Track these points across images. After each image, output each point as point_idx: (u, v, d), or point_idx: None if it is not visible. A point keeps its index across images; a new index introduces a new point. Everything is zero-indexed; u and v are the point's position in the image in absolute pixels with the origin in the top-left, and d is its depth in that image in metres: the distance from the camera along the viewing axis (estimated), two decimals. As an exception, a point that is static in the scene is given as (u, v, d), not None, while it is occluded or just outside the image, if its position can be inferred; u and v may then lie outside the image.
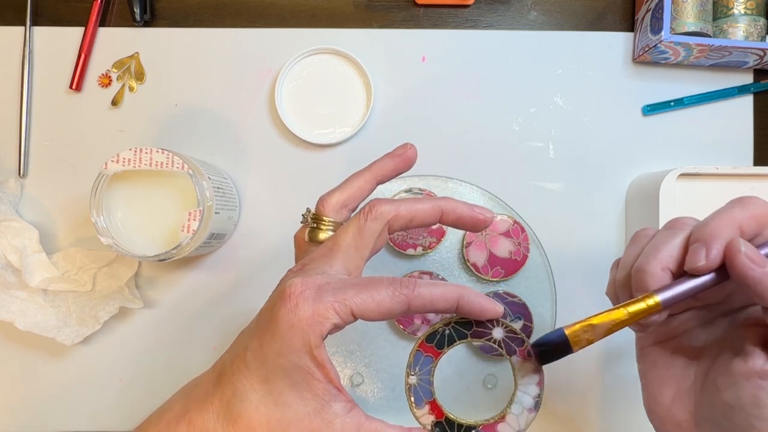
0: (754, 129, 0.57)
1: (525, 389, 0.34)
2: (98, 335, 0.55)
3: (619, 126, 0.57)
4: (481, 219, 0.36)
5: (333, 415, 0.31)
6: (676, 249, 0.31)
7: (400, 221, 0.34)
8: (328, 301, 0.30)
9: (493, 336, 0.34)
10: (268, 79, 0.57)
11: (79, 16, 0.57)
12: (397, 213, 0.34)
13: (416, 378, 0.35)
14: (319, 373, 0.30)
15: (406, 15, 0.58)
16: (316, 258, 0.34)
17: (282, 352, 0.30)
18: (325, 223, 0.36)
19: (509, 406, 0.34)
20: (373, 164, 0.38)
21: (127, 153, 0.46)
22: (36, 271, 0.52)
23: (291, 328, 0.30)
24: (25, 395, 0.56)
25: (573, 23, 0.58)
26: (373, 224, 0.33)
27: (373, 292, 0.31)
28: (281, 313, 0.30)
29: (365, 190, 0.37)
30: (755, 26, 0.53)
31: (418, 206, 0.34)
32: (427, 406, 0.35)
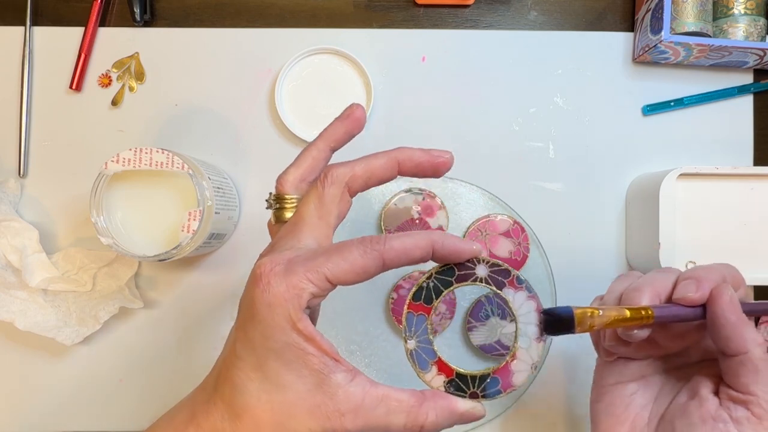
0: (754, 129, 0.57)
1: (526, 319, 0.33)
2: (98, 335, 0.55)
3: (619, 126, 0.57)
4: (440, 161, 0.35)
5: (335, 386, 0.30)
6: (668, 283, 0.35)
7: (359, 181, 0.34)
8: (300, 272, 0.30)
9: (478, 274, 0.33)
10: (268, 79, 0.57)
11: (79, 16, 0.57)
12: (354, 173, 0.33)
13: (414, 341, 0.33)
14: (311, 346, 0.29)
15: (406, 15, 0.58)
16: (282, 236, 0.33)
17: (267, 334, 0.29)
18: (288, 201, 0.35)
19: (516, 342, 0.33)
20: (323, 132, 0.36)
21: (127, 153, 0.46)
22: (36, 271, 0.52)
23: (269, 306, 0.29)
24: (25, 395, 0.56)
25: (573, 23, 0.58)
26: (331, 189, 0.33)
27: (345, 254, 0.30)
28: (256, 295, 0.30)
29: (320, 160, 0.36)
30: (755, 26, 0.53)
31: (373, 162, 0.34)
32: (433, 367, 0.33)
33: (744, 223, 0.53)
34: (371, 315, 0.56)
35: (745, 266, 0.54)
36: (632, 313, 0.33)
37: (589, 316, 0.32)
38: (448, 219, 0.55)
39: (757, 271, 0.52)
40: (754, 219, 0.53)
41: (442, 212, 0.55)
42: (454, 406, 0.32)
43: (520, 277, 0.33)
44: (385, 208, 0.55)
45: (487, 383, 0.33)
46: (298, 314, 0.29)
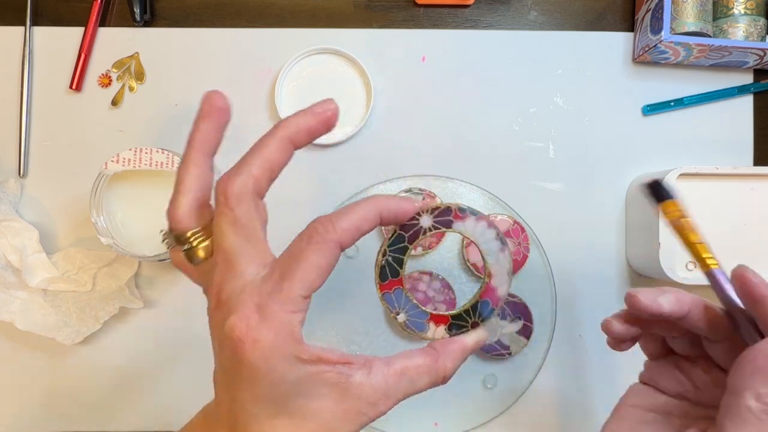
0: (754, 129, 0.57)
1: (483, 238, 0.34)
2: (98, 335, 0.55)
3: (619, 126, 0.57)
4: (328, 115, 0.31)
5: (358, 386, 0.30)
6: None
7: (262, 181, 0.31)
8: (277, 310, 0.28)
9: (423, 226, 0.33)
10: (268, 79, 0.57)
11: (79, 16, 0.57)
12: (254, 177, 0.30)
13: (403, 314, 0.35)
14: (322, 365, 0.29)
15: (406, 15, 0.58)
16: (221, 281, 0.30)
17: (276, 383, 0.28)
18: (194, 237, 0.31)
19: (486, 263, 0.34)
20: (191, 141, 0.32)
21: (127, 153, 0.46)
22: (36, 271, 0.52)
23: (266, 360, 0.28)
24: (25, 395, 0.56)
25: (573, 23, 0.58)
26: (241, 208, 0.29)
27: (304, 263, 0.28)
28: (246, 357, 0.28)
29: (203, 177, 0.32)
30: (755, 26, 0.53)
31: (266, 154, 0.30)
32: (430, 324, 0.35)
33: (744, 223, 0.53)
34: (371, 315, 0.56)
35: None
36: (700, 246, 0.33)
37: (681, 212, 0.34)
38: (448, 219, 0.55)
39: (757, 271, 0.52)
40: (754, 219, 0.53)
41: (442, 212, 0.55)
42: (464, 345, 0.33)
43: (461, 206, 0.33)
44: (385, 208, 0.55)
45: (480, 309, 0.34)
46: (299, 347, 0.28)
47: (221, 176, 0.30)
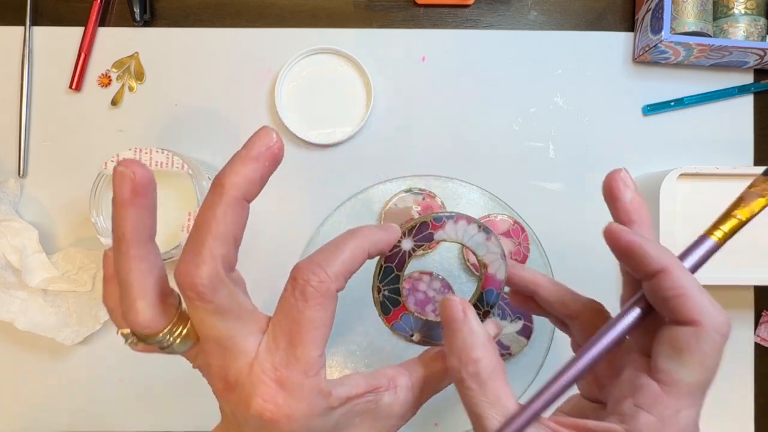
0: (754, 129, 0.57)
1: (468, 237, 0.34)
2: (98, 335, 0.55)
3: (619, 126, 0.57)
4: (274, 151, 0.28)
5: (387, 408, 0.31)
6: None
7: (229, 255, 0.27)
8: (300, 380, 0.26)
9: (405, 249, 0.33)
10: (268, 79, 0.57)
11: (78, 16, 0.57)
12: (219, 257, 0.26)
13: (417, 335, 0.35)
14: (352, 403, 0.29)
15: (406, 15, 0.58)
16: (222, 365, 0.27)
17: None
18: (166, 336, 0.27)
19: (477, 256, 0.34)
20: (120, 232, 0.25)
21: (127, 153, 0.46)
22: (36, 271, 0.52)
23: (305, 427, 0.27)
24: (25, 395, 0.56)
25: (573, 23, 0.58)
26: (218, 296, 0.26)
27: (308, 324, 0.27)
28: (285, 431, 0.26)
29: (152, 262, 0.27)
30: (755, 26, 0.53)
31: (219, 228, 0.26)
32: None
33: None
34: (371, 315, 0.56)
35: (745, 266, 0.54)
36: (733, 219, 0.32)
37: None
38: (448, 219, 0.55)
39: (757, 271, 0.52)
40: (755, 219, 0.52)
41: (442, 212, 0.55)
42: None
43: (435, 215, 0.33)
44: (385, 208, 0.55)
45: (486, 297, 0.34)
46: (330, 400, 0.27)
47: (178, 268, 0.25)
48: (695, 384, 0.26)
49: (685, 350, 0.26)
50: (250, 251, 0.56)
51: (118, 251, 0.25)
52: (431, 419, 0.55)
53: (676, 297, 0.26)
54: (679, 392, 0.26)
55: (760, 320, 0.56)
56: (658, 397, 0.26)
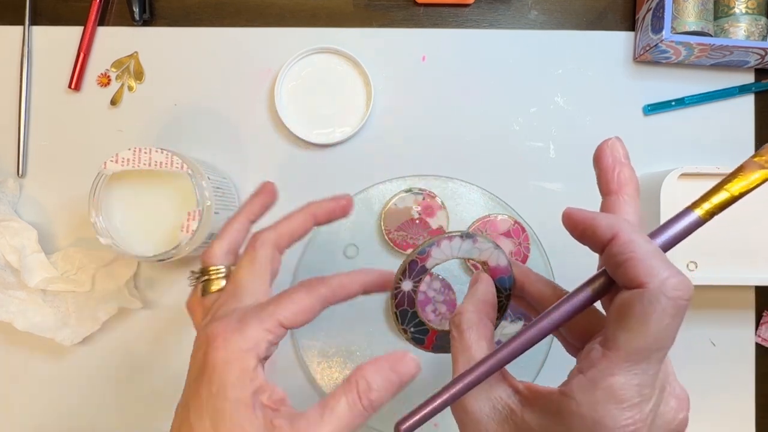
0: (755, 129, 0.57)
1: (456, 251, 0.35)
2: (97, 335, 0.55)
3: (620, 126, 0.57)
4: (342, 204, 0.38)
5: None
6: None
7: (285, 238, 0.36)
8: (254, 324, 0.30)
9: (406, 290, 0.35)
10: (268, 78, 0.57)
11: (78, 16, 0.57)
12: (279, 234, 0.36)
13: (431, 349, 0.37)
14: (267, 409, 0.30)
15: (406, 14, 0.58)
16: (222, 303, 0.34)
17: (218, 392, 0.29)
18: (214, 272, 0.37)
19: (476, 261, 0.35)
20: (241, 208, 0.39)
21: (126, 153, 0.46)
22: (35, 271, 0.52)
23: (225, 363, 0.30)
24: (24, 395, 0.56)
25: (573, 22, 0.58)
26: (261, 251, 0.35)
27: (292, 297, 0.32)
28: (210, 354, 0.30)
29: (242, 232, 0.39)
30: (756, 26, 0.53)
31: (293, 221, 0.37)
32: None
33: (745, 223, 0.52)
34: (371, 315, 0.56)
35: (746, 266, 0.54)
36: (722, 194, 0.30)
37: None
38: (449, 219, 0.55)
39: (758, 271, 0.52)
40: (755, 219, 0.52)
41: (442, 212, 0.54)
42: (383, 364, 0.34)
43: (420, 249, 0.35)
44: (385, 208, 0.54)
45: (501, 284, 0.35)
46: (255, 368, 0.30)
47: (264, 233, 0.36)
48: (636, 349, 0.25)
49: (628, 314, 0.25)
50: (250, 251, 0.56)
51: (234, 215, 0.39)
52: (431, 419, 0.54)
53: (625, 261, 0.26)
54: (617, 356, 0.25)
55: (761, 320, 0.56)
56: (595, 361, 0.26)
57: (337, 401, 0.30)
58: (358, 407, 0.30)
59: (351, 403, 0.30)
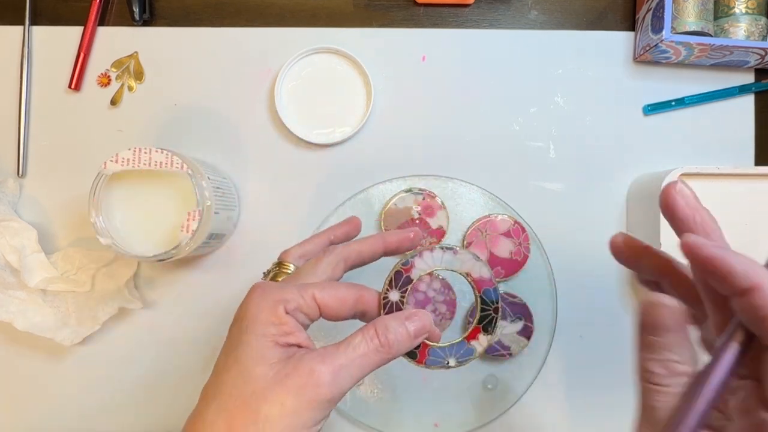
0: (755, 129, 0.57)
1: (437, 261, 0.37)
2: (97, 335, 0.55)
3: (619, 126, 0.57)
4: (411, 236, 0.42)
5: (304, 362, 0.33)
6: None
7: (354, 254, 0.40)
8: (291, 287, 0.34)
9: (391, 299, 0.37)
10: (268, 78, 0.57)
11: (78, 16, 0.57)
12: (349, 248, 0.40)
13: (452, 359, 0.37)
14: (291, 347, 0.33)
15: (406, 14, 0.58)
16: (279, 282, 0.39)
17: (247, 328, 0.33)
18: (286, 267, 0.41)
19: (457, 272, 0.37)
20: (328, 228, 0.45)
21: (126, 153, 0.46)
22: (35, 271, 0.52)
23: (257, 305, 0.34)
24: (24, 396, 0.56)
25: (573, 22, 0.58)
26: (329, 257, 0.39)
27: (334, 284, 0.36)
28: (247, 302, 0.34)
29: (319, 245, 0.43)
30: (756, 26, 0.53)
31: (364, 241, 0.41)
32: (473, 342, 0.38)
33: (745, 223, 0.52)
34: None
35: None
36: None
37: None
38: (449, 219, 0.55)
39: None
40: (755, 219, 0.52)
41: (442, 212, 0.54)
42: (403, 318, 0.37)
43: (404, 261, 0.37)
44: (385, 208, 0.54)
45: (487, 297, 0.37)
46: (283, 313, 0.33)
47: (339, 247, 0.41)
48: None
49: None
50: (250, 252, 0.56)
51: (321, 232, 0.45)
52: (431, 419, 0.54)
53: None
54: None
55: None
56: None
57: (355, 336, 0.34)
58: (375, 342, 0.33)
59: (368, 338, 0.34)
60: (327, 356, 0.32)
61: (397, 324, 0.35)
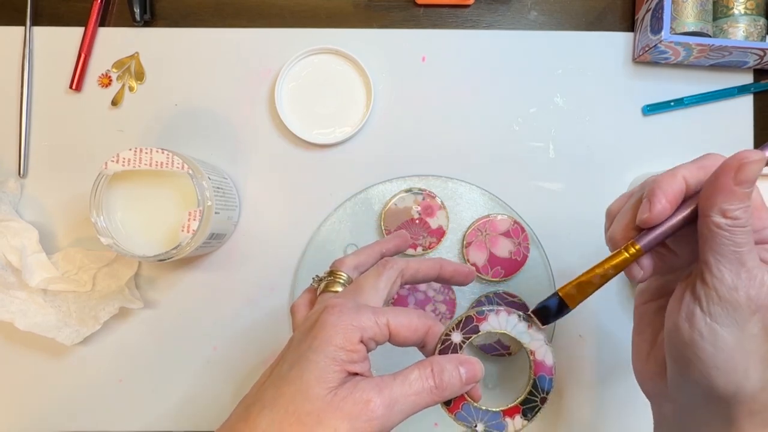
0: (754, 129, 0.57)
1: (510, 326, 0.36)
2: (98, 335, 0.55)
3: (619, 126, 0.57)
4: (466, 272, 0.43)
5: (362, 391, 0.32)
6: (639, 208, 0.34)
7: (410, 271, 0.40)
8: (367, 313, 0.34)
9: (454, 341, 0.36)
10: (268, 79, 0.57)
11: (79, 16, 0.57)
12: (408, 265, 0.40)
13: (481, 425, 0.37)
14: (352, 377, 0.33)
15: (406, 15, 0.58)
16: (343, 294, 0.38)
17: (318, 347, 0.32)
18: (339, 276, 0.41)
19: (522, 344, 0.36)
20: (380, 241, 0.46)
21: (127, 153, 0.46)
22: (36, 271, 0.52)
23: (333, 327, 0.33)
24: (25, 395, 0.56)
25: (573, 23, 0.58)
26: (389, 272, 0.39)
27: (406, 311, 0.35)
28: (325, 318, 0.33)
29: (372, 257, 0.44)
30: (755, 26, 0.53)
31: (423, 262, 0.41)
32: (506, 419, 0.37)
33: (744, 223, 0.52)
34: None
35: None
36: (615, 262, 0.34)
37: (575, 290, 0.35)
38: (449, 219, 0.55)
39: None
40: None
41: (442, 212, 0.55)
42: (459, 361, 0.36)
43: (479, 310, 0.36)
44: (385, 208, 0.55)
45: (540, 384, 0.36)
46: (356, 341, 0.33)
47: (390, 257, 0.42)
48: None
49: None
50: (250, 251, 0.56)
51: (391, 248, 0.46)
52: (431, 419, 0.55)
53: None
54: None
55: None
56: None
57: (411, 371, 0.34)
58: (430, 383, 0.33)
59: (424, 376, 0.33)
60: (384, 388, 0.32)
61: (452, 367, 0.34)
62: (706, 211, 0.30)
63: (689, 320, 0.31)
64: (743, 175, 0.29)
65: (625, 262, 0.34)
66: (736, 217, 0.30)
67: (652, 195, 0.32)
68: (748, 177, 0.29)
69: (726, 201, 0.30)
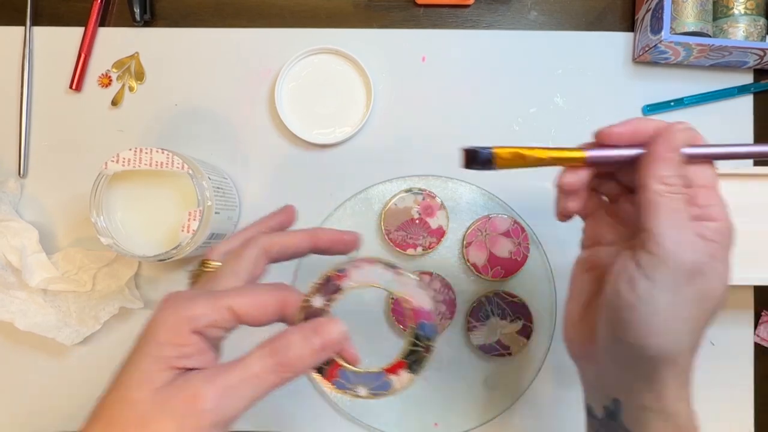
0: (754, 129, 0.57)
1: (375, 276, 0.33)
2: (98, 335, 0.55)
3: (619, 126, 0.57)
4: (350, 239, 0.38)
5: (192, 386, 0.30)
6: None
7: (276, 247, 0.36)
8: (203, 301, 0.30)
9: (314, 305, 0.32)
10: (268, 79, 0.57)
11: (79, 16, 0.57)
12: (272, 240, 0.36)
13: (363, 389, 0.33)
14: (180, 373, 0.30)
15: (406, 15, 0.58)
16: (200, 284, 0.36)
17: (142, 347, 0.30)
18: (209, 265, 0.37)
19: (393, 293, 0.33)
20: (260, 220, 0.40)
21: (127, 153, 0.46)
22: (36, 271, 0.52)
23: (159, 322, 0.30)
24: (25, 395, 0.56)
25: (573, 23, 0.58)
26: (248, 251, 0.35)
27: (251, 289, 0.32)
28: (154, 317, 0.31)
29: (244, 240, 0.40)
30: (755, 26, 0.53)
31: (291, 235, 0.37)
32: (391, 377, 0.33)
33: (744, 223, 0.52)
34: (372, 315, 0.56)
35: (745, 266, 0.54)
36: (559, 155, 0.35)
37: (510, 156, 0.35)
38: (449, 219, 0.55)
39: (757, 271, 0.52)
40: (755, 219, 0.52)
41: (442, 212, 0.55)
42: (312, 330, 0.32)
43: (338, 268, 0.33)
44: (385, 208, 0.55)
45: (421, 331, 0.33)
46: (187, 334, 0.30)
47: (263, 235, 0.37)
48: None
49: None
50: (250, 251, 0.56)
51: (249, 226, 0.39)
52: (431, 419, 0.55)
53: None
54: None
55: (760, 320, 0.56)
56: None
57: (253, 352, 0.30)
58: (269, 360, 0.30)
59: (263, 355, 0.30)
60: (216, 376, 0.29)
61: (299, 338, 0.31)
62: (646, 180, 0.32)
63: (630, 284, 0.32)
64: (673, 142, 0.32)
65: (565, 161, 0.35)
66: (672, 183, 0.32)
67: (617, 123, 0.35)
68: (677, 144, 0.32)
69: (663, 168, 0.32)
